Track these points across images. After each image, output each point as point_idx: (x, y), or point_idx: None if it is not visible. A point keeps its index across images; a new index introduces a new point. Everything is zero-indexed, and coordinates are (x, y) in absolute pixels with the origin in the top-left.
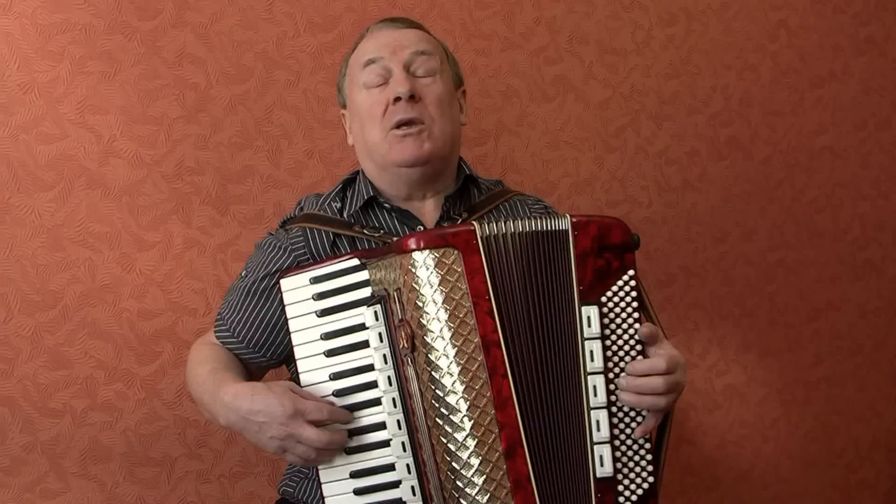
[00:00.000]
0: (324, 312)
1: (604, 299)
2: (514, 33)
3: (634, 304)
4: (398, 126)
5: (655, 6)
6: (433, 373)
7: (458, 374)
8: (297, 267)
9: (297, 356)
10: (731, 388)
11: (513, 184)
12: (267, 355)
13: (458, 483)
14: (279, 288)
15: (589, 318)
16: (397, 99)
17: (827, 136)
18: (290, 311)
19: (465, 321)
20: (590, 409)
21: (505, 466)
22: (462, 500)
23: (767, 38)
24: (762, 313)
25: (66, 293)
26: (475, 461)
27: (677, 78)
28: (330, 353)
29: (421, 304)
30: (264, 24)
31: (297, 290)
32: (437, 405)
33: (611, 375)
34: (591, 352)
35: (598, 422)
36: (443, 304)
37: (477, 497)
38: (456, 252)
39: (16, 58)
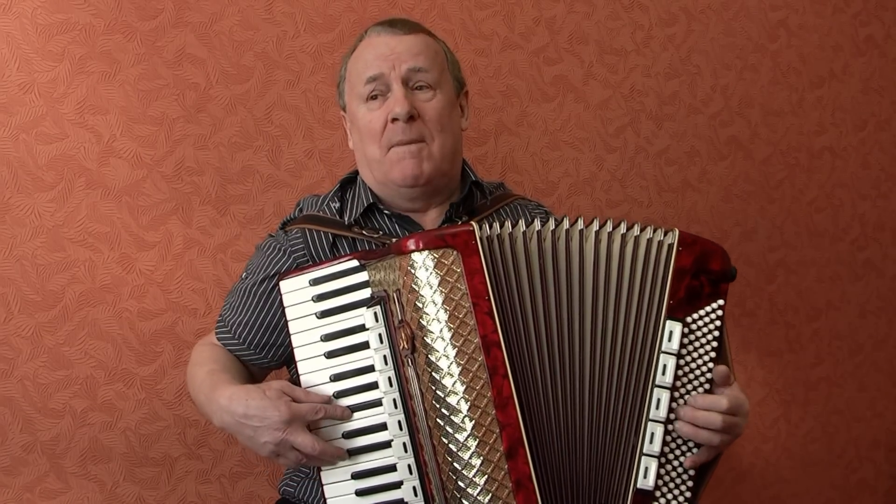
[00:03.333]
0: (324, 314)
1: (689, 319)
2: (514, 33)
3: (716, 333)
4: (396, 145)
5: (655, 6)
6: (433, 374)
7: (459, 375)
8: (296, 268)
9: (297, 358)
10: None
11: (513, 184)
12: (268, 357)
13: (460, 483)
14: (279, 290)
15: (671, 332)
16: (395, 119)
17: (827, 136)
18: (289, 313)
19: (464, 322)
20: (647, 419)
21: (506, 466)
22: (464, 501)
23: (767, 38)
24: (762, 313)
25: (66, 293)
26: (476, 461)
27: (677, 78)
28: (330, 355)
29: (420, 305)
30: (264, 24)
31: (296, 292)
32: (437, 406)
33: (675, 394)
34: (665, 366)
35: (652, 434)
36: (442, 304)
37: (479, 497)
38: (455, 253)
39: (16, 58)
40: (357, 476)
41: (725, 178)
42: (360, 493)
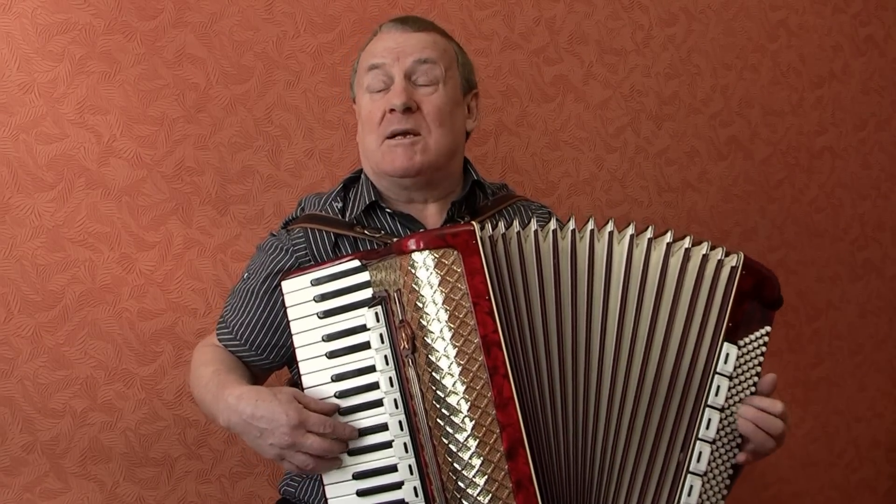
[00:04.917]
0: (325, 314)
1: (741, 342)
2: (514, 33)
3: (761, 359)
4: (392, 136)
5: (655, 6)
6: (434, 374)
7: (459, 375)
8: (298, 268)
9: (298, 358)
10: None
11: (513, 184)
12: (270, 357)
13: (460, 484)
14: (281, 290)
15: (728, 355)
16: (393, 110)
17: (827, 136)
18: (291, 313)
19: (465, 322)
20: (697, 438)
21: (506, 467)
22: (464, 501)
23: (767, 38)
24: None
25: (66, 293)
26: (476, 462)
27: (677, 78)
28: (332, 355)
29: (421, 305)
30: (264, 24)
31: (298, 292)
32: (438, 406)
33: (723, 415)
34: (718, 387)
35: (700, 453)
36: (443, 304)
37: (479, 498)
38: (455, 252)
39: (16, 58)
40: (358, 476)
41: (725, 178)
42: (361, 493)
